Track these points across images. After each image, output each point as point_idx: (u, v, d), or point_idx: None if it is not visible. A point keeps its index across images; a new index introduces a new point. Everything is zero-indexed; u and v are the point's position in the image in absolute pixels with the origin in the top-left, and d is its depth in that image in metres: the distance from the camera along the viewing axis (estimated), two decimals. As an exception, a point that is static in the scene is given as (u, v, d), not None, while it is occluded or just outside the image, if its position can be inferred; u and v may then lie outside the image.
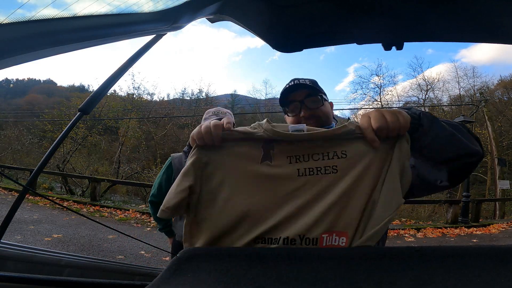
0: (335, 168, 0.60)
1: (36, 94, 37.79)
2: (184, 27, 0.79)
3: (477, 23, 0.93)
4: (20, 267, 0.58)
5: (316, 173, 0.60)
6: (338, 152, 0.61)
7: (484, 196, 14.33)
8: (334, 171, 0.60)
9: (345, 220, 0.58)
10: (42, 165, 0.69)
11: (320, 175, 0.60)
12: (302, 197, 0.59)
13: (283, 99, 0.98)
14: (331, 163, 0.60)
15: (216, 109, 1.57)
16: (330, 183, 0.60)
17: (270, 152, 0.62)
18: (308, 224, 0.58)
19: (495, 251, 0.42)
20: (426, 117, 0.65)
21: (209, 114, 1.56)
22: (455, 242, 5.88)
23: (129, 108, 17.89)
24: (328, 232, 0.58)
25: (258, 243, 0.58)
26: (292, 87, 0.95)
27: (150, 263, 3.97)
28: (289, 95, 0.96)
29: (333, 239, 0.58)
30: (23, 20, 0.44)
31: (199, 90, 23.45)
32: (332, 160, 0.61)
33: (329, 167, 0.60)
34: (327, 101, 0.99)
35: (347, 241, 0.58)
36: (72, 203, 7.78)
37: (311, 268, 0.41)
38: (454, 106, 18.79)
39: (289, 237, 0.58)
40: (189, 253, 0.45)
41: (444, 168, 0.69)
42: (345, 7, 0.94)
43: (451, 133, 0.65)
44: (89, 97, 0.72)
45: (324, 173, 0.60)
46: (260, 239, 0.58)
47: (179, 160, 1.59)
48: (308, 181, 0.60)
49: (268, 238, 0.58)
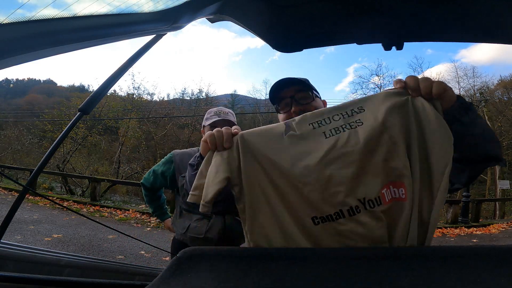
0: (359, 121, 0.59)
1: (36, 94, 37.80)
2: (184, 27, 0.79)
3: (477, 23, 0.93)
4: (20, 267, 0.58)
5: (343, 130, 0.58)
6: (355, 108, 0.61)
7: (484, 196, 14.33)
8: (360, 123, 0.59)
9: (396, 169, 0.56)
10: (42, 165, 0.69)
11: (347, 130, 0.58)
12: (342, 158, 0.56)
13: (274, 97, 0.96)
14: (353, 119, 0.59)
15: (218, 109, 1.55)
16: (360, 135, 0.57)
17: (292, 124, 0.62)
18: (363, 185, 0.55)
19: (495, 251, 0.42)
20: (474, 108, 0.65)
21: (211, 114, 1.54)
22: (455, 242, 5.88)
23: (129, 108, 17.88)
24: (385, 185, 0.56)
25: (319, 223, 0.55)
26: (281, 84, 0.93)
27: (150, 263, 3.97)
28: (280, 92, 0.95)
29: (392, 192, 0.56)
30: (23, 20, 0.44)
31: (199, 90, 23.42)
32: (352, 117, 0.60)
33: (353, 122, 0.59)
34: (318, 98, 0.98)
35: (406, 192, 0.55)
36: (72, 203, 7.78)
37: (311, 268, 0.41)
38: (454, 106, 18.76)
39: (352, 206, 0.55)
40: (189, 253, 0.45)
41: (467, 170, 0.68)
42: (345, 7, 0.94)
43: (494, 133, 0.66)
44: (89, 97, 0.72)
45: (350, 128, 0.58)
46: (320, 219, 0.56)
47: (181, 157, 1.57)
48: (339, 140, 0.58)
49: (327, 216, 0.55)
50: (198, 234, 1.45)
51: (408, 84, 0.61)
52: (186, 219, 1.51)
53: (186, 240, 1.49)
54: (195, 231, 1.46)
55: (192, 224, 1.47)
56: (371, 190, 0.55)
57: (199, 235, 1.44)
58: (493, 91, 19.33)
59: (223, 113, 1.53)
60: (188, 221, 1.49)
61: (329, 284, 0.37)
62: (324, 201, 0.56)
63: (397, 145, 0.57)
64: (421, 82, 0.60)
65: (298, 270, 0.41)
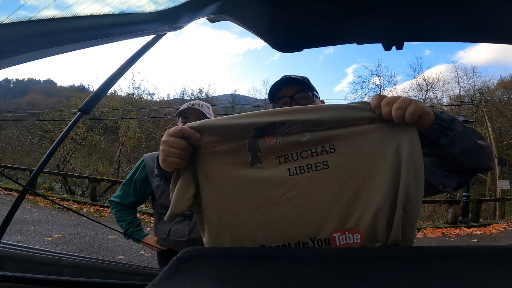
0: (325, 163, 0.57)
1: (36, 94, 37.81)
2: (184, 27, 0.79)
3: (477, 23, 0.93)
4: (20, 267, 0.58)
5: (308, 171, 0.58)
6: (326, 147, 0.58)
7: (484, 196, 14.33)
8: (325, 166, 0.57)
9: (353, 216, 0.56)
10: (42, 165, 0.69)
11: (311, 172, 0.57)
12: (300, 198, 0.57)
13: (273, 95, 0.95)
14: (320, 159, 0.58)
15: (193, 101, 1.46)
16: (323, 179, 0.57)
17: (258, 154, 0.60)
18: (315, 225, 0.56)
19: (495, 251, 0.42)
20: (458, 123, 0.61)
21: (185, 106, 1.44)
22: (455, 242, 5.88)
23: (129, 108, 17.87)
24: (339, 231, 0.56)
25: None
26: (283, 82, 0.92)
27: (150, 263, 3.97)
28: (279, 90, 0.93)
29: (346, 237, 0.56)
30: (23, 20, 0.44)
31: (199, 90, 23.40)
32: (321, 156, 0.58)
33: (319, 163, 0.58)
34: (318, 99, 0.97)
35: (362, 237, 0.56)
36: (72, 203, 7.78)
37: (311, 268, 0.41)
38: (454, 106, 18.79)
39: (300, 241, 0.57)
40: (189, 253, 0.45)
41: (455, 178, 0.66)
42: (345, 7, 0.94)
43: (480, 147, 0.62)
44: (89, 97, 0.72)
45: (315, 170, 0.57)
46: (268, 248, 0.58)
47: (153, 158, 1.45)
48: (300, 180, 0.58)
49: (275, 246, 0.58)
50: (181, 237, 1.37)
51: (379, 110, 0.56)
52: (166, 223, 1.40)
53: (170, 245, 1.41)
54: (177, 234, 1.38)
55: (173, 227, 1.39)
56: (322, 231, 0.57)
57: (182, 238, 1.37)
58: (493, 91, 19.33)
59: (197, 104, 1.44)
60: (169, 225, 1.40)
61: (329, 284, 0.37)
62: (275, 234, 0.58)
63: (358, 194, 0.57)
64: (394, 110, 0.54)
65: (298, 270, 0.41)
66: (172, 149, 0.56)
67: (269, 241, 0.58)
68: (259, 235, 0.58)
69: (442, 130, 0.59)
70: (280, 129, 0.59)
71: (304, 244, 0.57)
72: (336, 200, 0.57)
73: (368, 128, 0.58)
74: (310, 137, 0.58)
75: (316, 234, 0.57)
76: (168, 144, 0.57)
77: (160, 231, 1.44)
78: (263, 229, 0.58)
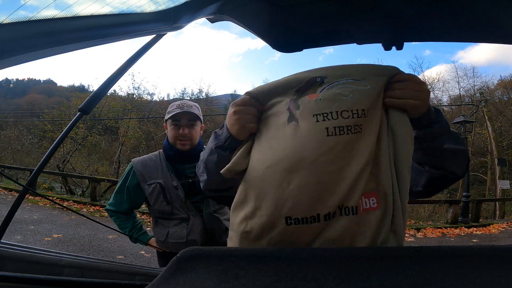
0: (360, 127, 0.56)
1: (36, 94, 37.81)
2: (184, 27, 0.79)
3: (477, 23, 0.93)
4: (20, 267, 0.58)
5: (347, 133, 0.55)
6: (365, 111, 0.56)
7: (484, 196, 14.32)
8: (359, 130, 0.56)
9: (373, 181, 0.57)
10: (42, 165, 0.69)
11: (350, 134, 0.55)
12: (336, 162, 0.55)
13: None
14: (357, 122, 0.56)
15: (181, 102, 1.42)
16: (358, 143, 0.56)
17: (295, 112, 0.58)
18: (345, 191, 0.55)
19: (495, 251, 0.42)
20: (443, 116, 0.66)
21: (173, 107, 1.41)
22: (455, 242, 5.88)
23: (129, 108, 17.87)
24: (363, 194, 0.57)
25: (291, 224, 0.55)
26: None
27: (150, 263, 3.97)
28: None
29: (369, 202, 0.56)
30: (23, 20, 0.44)
31: (199, 90, 23.37)
32: (359, 119, 0.56)
33: (357, 126, 0.55)
34: None
35: (378, 201, 0.56)
36: (72, 203, 7.77)
37: (311, 268, 0.41)
38: (454, 106, 18.79)
39: (330, 211, 0.55)
40: (189, 253, 0.45)
41: (425, 173, 0.68)
42: (345, 7, 0.94)
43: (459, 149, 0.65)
44: (89, 97, 0.72)
45: (353, 133, 0.55)
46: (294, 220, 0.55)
47: (142, 164, 1.42)
48: (338, 142, 0.55)
49: (302, 218, 0.54)
50: (180, 239, 1.37)
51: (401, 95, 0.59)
52: (163, 226, 1.41)
53: (169, 246, 1.40)
54: (175, 236, 1.37)
55: (171, 230, 1.39)
56: (351, 198, 0.56)
57: (181, 240, 1.36)
58: (493, 91, 19.33)
59: (187, 105, 1.41)
60: (166, 228, 1.39)
61: (329, 284, 0.37)
62: (305, 204, 0.55)
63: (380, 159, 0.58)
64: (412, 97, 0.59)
65: (298, 270, 0.41)
66: (247, 116, 0.61)
67: (296, 212, 0.55)
68: (286, 205, 0.55)
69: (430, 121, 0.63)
70: (322, 86, 0.58)
71: (333, 216, 0.55)
72: (365, 165, 0.56)
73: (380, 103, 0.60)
74: (352, 97, 0.56)
75: (344, 201, 0.55)
76: (242, 112, 0.62)
77: (158, 234, 1.43)
78: (290, 197, 0.55)
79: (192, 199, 1.40)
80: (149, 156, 1.48)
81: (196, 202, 1.41)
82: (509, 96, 18.76)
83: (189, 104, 1.43)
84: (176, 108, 1.39)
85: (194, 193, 1.39)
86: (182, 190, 1.38)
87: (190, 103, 1.44)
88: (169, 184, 1.38)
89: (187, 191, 1.39)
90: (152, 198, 1.39)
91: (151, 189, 1.37)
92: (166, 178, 1.39)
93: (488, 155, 13.39)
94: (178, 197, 1.37)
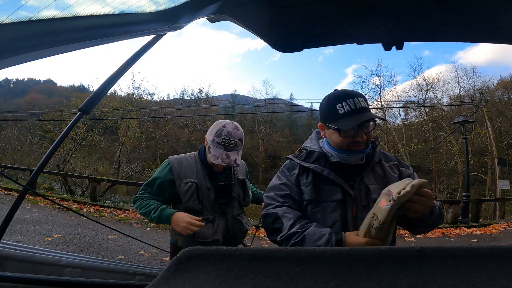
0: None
1: (36, 94, 37.84)
2: (184, 27, 0.79)
3: (477, 23, 0.93)
4: (20, 267, 0.58)
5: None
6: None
7: (484, 196, 14.33)
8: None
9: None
10: (42, 165, 0.69)
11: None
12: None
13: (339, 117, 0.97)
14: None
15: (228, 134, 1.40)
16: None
17: None
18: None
19: (495, 251, 0.42)
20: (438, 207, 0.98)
21: (219, 137, 1.40)
22: (455, 242, 5.88)
23: (129, 108, 17.87)
24: None
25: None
26: (357, 111, 0.95)
27: (150, 263, 3.97)
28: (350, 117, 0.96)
29: None
30: (23, 20, 0.44)
31: (199, 90, 23.37)
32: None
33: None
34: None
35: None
36: (72, 203, 7.78)
37: (311, 268, 0.41)
38: (454, 106, 18.79)
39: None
40: (189, 253, 0.45)
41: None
42: (345, 7, 0.94)
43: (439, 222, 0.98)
44: (89, 97, 0.72)
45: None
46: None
47: (179, 162, 1.50)
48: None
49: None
50: (206, 238, 1.45)
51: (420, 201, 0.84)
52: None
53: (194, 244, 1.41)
54: (202, 236, 1.44)
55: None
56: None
57: (207, 239, 1.45)
58: (493, 91, 19.34)
59: (232, 144, 1.40)
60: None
61: (329, 284, 0.37)
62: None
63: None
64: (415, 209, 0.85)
65: (298, 270, 0.41)
66: None
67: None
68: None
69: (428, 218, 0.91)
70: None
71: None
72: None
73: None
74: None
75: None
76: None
77: (173, 232, 1.50)
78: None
79: (219, 201, 1.52)
80: (185, 156, 1.57)
81: (222, 204, 1.53)
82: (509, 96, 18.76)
83: (235, 141, 1.42)
84: (220, 145, 1.40)
85: (222, 196, 1.52)
86: (214, 192, 1.50)
87: (237, 135, 1.43)
88: (203, 185, 1.48)
89: (217, 193, 1.51)
90: (186, 196, 1.46)
91: (187, 187, 1.46)
92: (200, 179, 1.49)
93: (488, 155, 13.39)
94: (209, 198, 1.48)
